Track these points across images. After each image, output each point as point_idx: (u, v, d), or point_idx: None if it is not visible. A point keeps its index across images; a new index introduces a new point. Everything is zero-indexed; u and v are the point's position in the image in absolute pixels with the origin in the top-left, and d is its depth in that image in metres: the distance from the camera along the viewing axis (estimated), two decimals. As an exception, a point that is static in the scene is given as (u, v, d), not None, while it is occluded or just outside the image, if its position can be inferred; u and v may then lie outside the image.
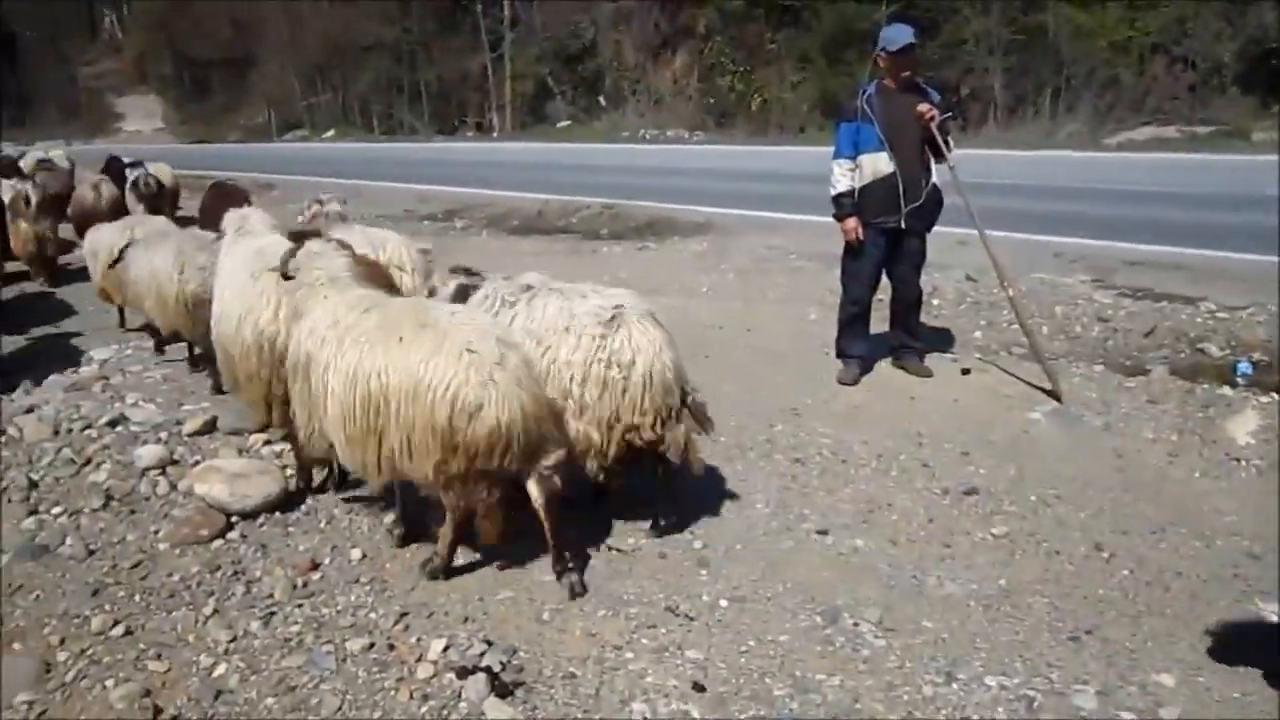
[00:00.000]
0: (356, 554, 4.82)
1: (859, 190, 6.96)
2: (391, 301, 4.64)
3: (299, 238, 5.25)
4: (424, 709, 3.58)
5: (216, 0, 57.69)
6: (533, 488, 4.25)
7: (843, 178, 6.99)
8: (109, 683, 3.87)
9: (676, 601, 4.30)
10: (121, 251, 8.45)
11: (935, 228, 7.17)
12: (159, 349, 8.67)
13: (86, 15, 76.89)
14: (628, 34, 39.59)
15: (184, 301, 7.47)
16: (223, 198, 10.88)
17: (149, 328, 8.63)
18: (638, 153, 28.50)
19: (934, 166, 6.94)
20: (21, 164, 19.24)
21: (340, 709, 3.61)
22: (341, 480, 5.58)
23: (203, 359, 7.69)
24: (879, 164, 6.86)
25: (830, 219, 7.34)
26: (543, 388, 4.33)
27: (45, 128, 62.02)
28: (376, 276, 5.08)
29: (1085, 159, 21.69)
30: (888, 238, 7.03)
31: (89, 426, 6.60)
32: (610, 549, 4.80)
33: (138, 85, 68.47)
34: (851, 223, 7.03)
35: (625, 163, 24.91)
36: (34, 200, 12.17)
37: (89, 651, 4.10)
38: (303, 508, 5.35)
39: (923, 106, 6.55)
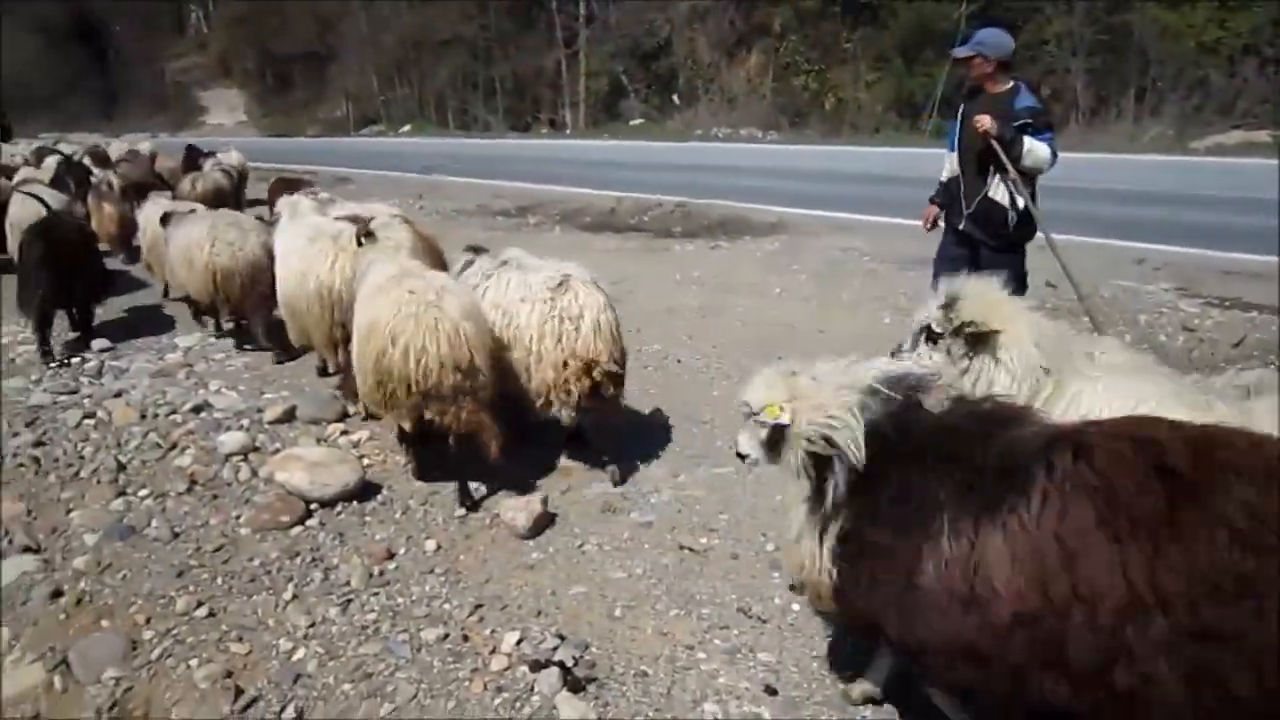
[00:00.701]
0: (431, 545, 4.89)
1: (942, 186, 6.95)
2: (399, 266, 5.63)
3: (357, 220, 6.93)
4: (497, 700, 3.62)
5: (298, -3, 58.89)
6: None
7: (945, 168, 6.95)
8: (193, 662, 3.98)
9: (749, 603, 4.28)
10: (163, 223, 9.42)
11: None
12: (197, 318, 9.42)
13: (174, 11, 79.05)
14: (702, 32, 39.51)
15: (213, 271, 8.29)
16: (286, 186, 11.93)
17: (187, 299, 9.24)
18: (710, 151, 28.42)
19: (1001, 180, 6.60)
20: (110, 154, 20.15)
21: (415, 697, 3.66)
22: (419, 471, 5.69)
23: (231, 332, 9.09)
24: (952, 163, 6.81)
25: (906, 221, 7.26)
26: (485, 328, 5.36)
27: (133, 121, 64.02)
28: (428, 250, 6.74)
29: (1171, 163, 21.10)
30: (959, 239, 6.91)
31: (174, 412, 6.81)
32: (683, 548, 4.80)
33: (222, 80, 70.14)
34: (929, 211, 7.09)
35: (698, 161, 24.86)
36: (117, 186, 13.29)
37: (174, 631, 4.22)
38: (379, 497, 5.44)
39: (981, 119, 6.29)
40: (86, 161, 18.26)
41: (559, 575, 4.56)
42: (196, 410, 6.80)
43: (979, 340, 3.68)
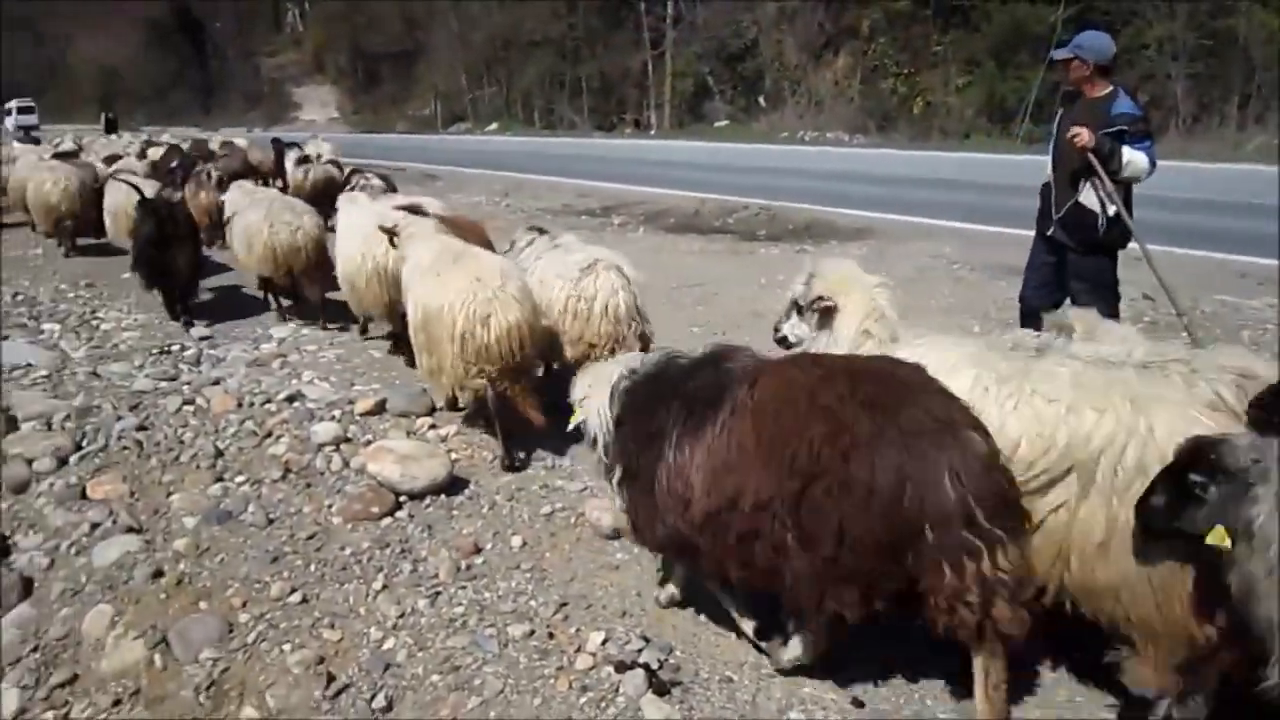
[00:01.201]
0: (517, 541, 4.94)
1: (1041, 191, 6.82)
2: (451, 246, 6.34)
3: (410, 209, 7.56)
4: (583, 699, 3.64)
5: (391, -4, 60.06)
6: None
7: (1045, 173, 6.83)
8: (286, 647, 4.08)
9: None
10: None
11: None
12: (267, 297, 10.39)
13: (271, 9, 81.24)
14: (790, 34, 39.28)
15: (271, 248, 9.23)
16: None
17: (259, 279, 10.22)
18: (796, 154, 28.26)
19: (1092, 186, 6.44)
20: (211, 146, 21.01)
21: (502, 692, 3.70)
22: (508, 466, 5.77)
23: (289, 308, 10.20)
24: (1047, 168, 6.67)
25: (998, 229, 7.12)
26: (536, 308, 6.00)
27: (230, 115, 65.90)
28: (466, 231, 7.29)
29: (1275, 174, 20.34)
30: (1049, 247, 6.76)
31: (269, 401, 6.99)
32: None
33: (315, 76, 71.84)
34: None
35: (783, 164, 24.74)
36: (214, 176, 13.89)
37: (268, 615, 4.33)
38: (466, 492, 5.51)
39: (1079, 133, 6.12)
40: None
41: (643, 577, 4.57)
42: (290, 400, 6.97)
43: (826, 313, 4.34)
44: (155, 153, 19.03)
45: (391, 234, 6.93)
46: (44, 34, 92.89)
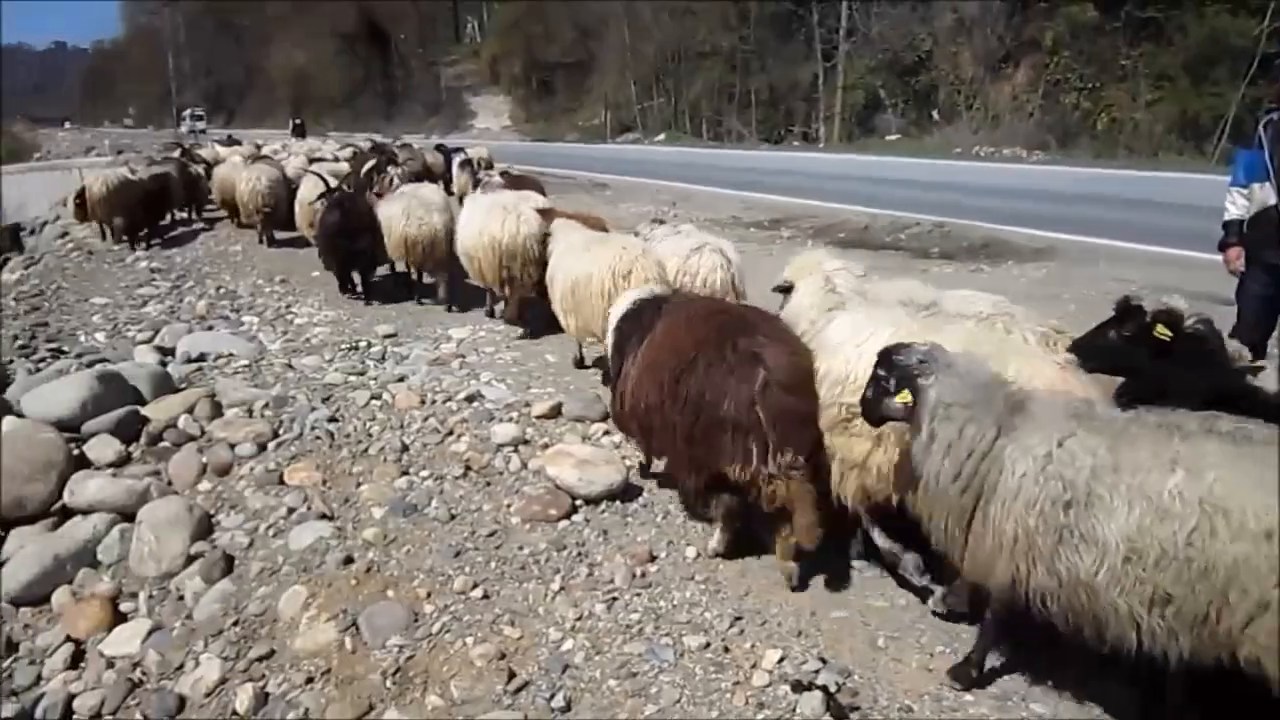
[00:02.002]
0: (691, 552, 4.96)
1: (1247, 221, 6.38)
2: (596, 234, 8.18)
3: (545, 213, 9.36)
4: (760, 716, 3.63)
5: (565, 5, 61.32)
6: None
7: (1231, 205, 6.48)
8: (469, 639, 4.21)
9: (1020, 648, 4.07)
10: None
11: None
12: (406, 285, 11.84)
13: (452, 20, 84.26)
14: (968, 46, 38.17)
15: (402, 237, 10.64)
16: (517, 181, 13.57)
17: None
18: (971, 170, 27.43)
19: None
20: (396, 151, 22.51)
21: (679, 701, 3.72)
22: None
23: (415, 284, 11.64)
24: (1266, 194, 6.25)
25: (1190, 253, 6.72)
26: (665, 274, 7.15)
27: (410, 122, 68.71)
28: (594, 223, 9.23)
29: None
30: (1274, 276, 6.34)
31: (449, 400, 7.25)
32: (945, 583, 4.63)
33: (491, 86, 74.06)
34: (1233, 253, 6.53)
35: (957, 180, 24.05)
36: (398, 177, 15.10)
37: (451, 608, 4.48)
38: (640, 499, 5.57)
39: None
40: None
41: (819, 596, 4.51)
42: (470, 400, 7.21)
43: (786, 292, 5.58)
44: (347, 152, 20.76)
45: (544, 213, 9.22)
46: (245, 42, 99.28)
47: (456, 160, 18.45)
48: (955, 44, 38.71)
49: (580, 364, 8.26)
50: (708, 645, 4.07)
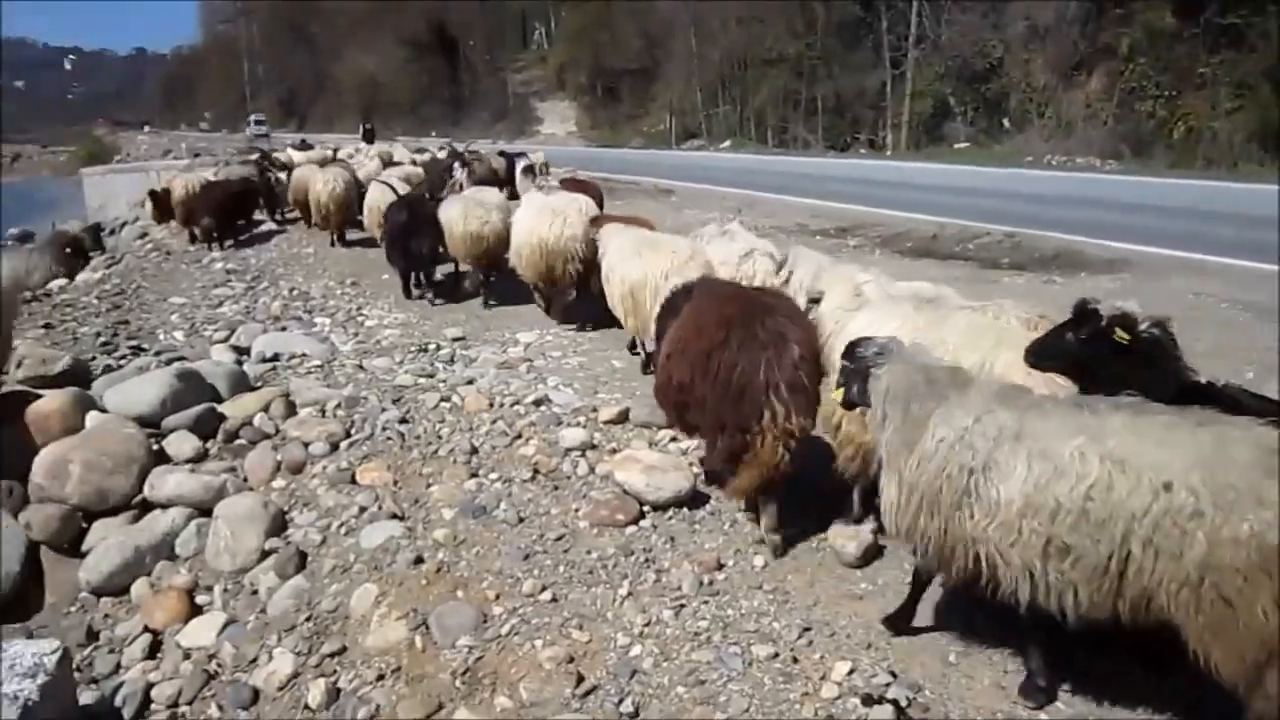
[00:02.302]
0: (759, 561, 4.95)
1: None
2: (648, 237, 8.50)
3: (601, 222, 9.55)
4: (829, 729, 3.60)
5: (632, 14, 61.56)
6: None
7: None
8: (538, 642, 4.25)
9: (1095, 671, 3.99)
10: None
11: None
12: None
13: (519, 27, 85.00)
14: (1040, 53, 37.52)
15: (463, 237, 11.29)
16: (577, 186, 13.83)
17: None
18: (1042, 179, 26.90)
19: None
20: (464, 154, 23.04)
21: (747, 710, 3.72)
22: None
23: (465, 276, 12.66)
24: None
25: (1270, 267, 6.53)
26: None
27: (477, 128, 69.47)
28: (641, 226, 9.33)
29: None
30: None
31: (518, 403, 7.30)
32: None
33: (557, 92, 74.57)
34: None
35: (1028, 189, 23.61)
36: (467, 181, 16.10)
37: (520, 610, 4.52)
38: (707, 507, 5.57)
39: None
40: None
41: (887, 609, 4.45)
42: (538, 404, 7.26)
43: (814, 302, 5.75)
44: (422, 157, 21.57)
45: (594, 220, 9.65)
46: (317, 49, 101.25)
47: (520, 165, 18.90)
48: (1027, 50, 38.06)
49: (647, 367, 8.35)
50: (776, 655, 4.06)
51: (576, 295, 10.34)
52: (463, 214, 11.36)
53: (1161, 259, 13.81)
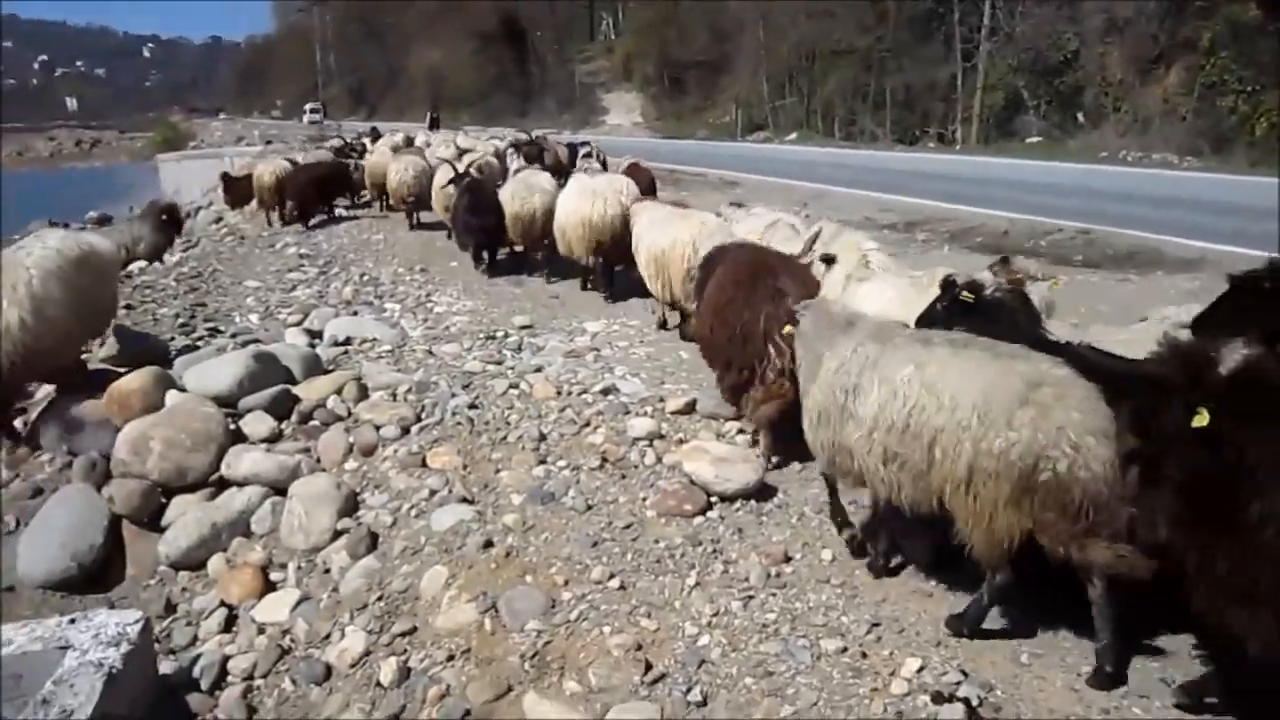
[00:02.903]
0: (827, 555, 4.93)
1: None
2: (677, 211, 9.54)
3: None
4: (898, 725, 3.58)
5: (701, 9, 61.34)
6: None
7: None
8: (606, 629, 4.28)
9: (1172, 675, 3.91)
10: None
11: None
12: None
13: (588, 19, 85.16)
14: (1117, 46, 36.61)
15: (513, 215, 12.45)
16: (630, 171, 14.64)
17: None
18: (1117, 176, 26.32)
19: None
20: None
21: (816, 704, 3.71)
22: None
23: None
24: None
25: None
26: None
27: (544, 118, 69.76)
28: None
29: None
30: None
31: (585, 392, 7.35)
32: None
33: (623, 83, 74.55)
34: None
35: (1103, 186, 23.10)
36: (519, 165, 16.50)
37: (589, 597, 4.56)
38: (775, 500, 5.57)
39: None
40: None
41: (958, 608, 4.40)
42: (605, 393, 7.30)
43: (828, 262, 6.75)
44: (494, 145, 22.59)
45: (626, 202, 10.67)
46: (388, 41, 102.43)
47: (580, 153, 20.28)
48: (1104, 44, 37.17)
49: (663, 325, 9.66)
50: (845, 650, 4.04)
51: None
52: (511, 194, 12.65)
53: (1240, 258, 13.36)
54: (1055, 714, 3.66)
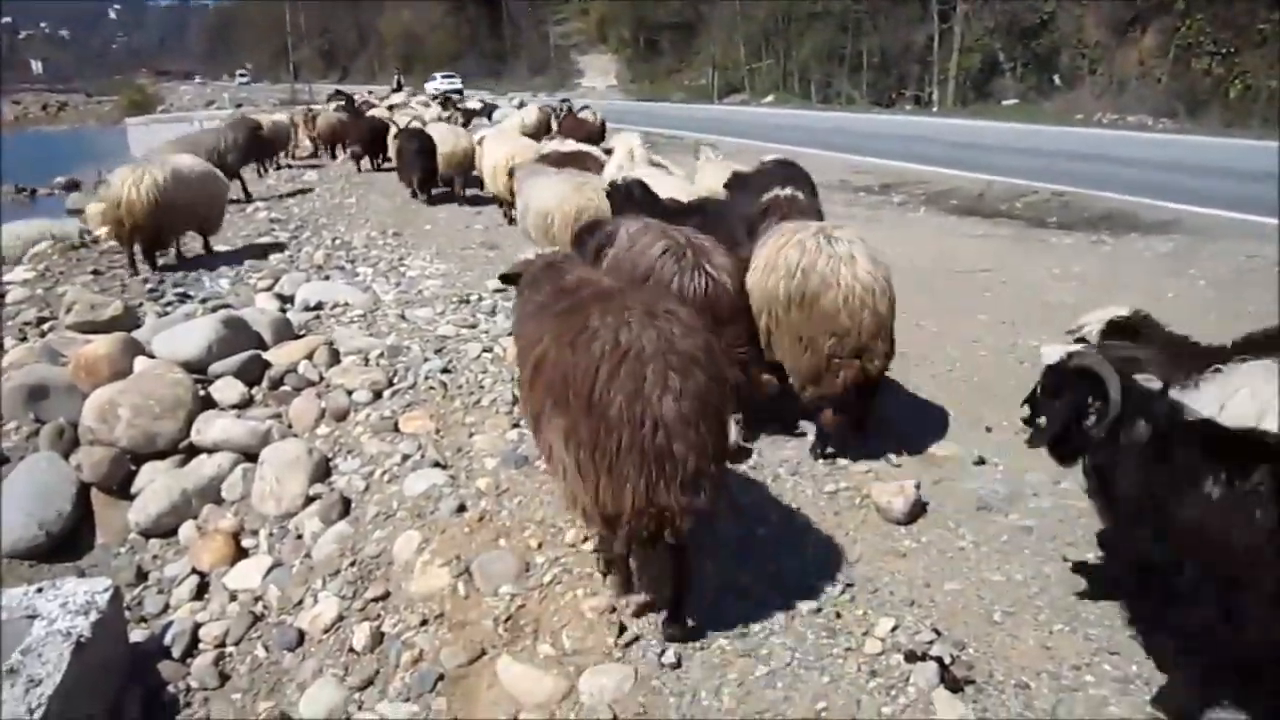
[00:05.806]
0: (801, 518, 4.91)
1: None
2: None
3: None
4: (872, 684, 3.59)
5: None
6: None
7: None
8: (579, 591, 4.25)
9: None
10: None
11: None
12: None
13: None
14: (1092, 8, 36.61)
15: (444, 155, 15.96)
16: (575, 123, 16.70)
17: None
18: (1093, 138, 26.36)
19: None
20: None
21: (790, 664, 3.70)
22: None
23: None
24: None
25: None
26: None
27: (517, 81, 69.10)
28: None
29: None
30: None
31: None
32: (1066, 560, 4.49)
33: (598, 45, 73.94)
34: None
35: (1078, 148, 23.12)
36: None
37: (562, 560, 4.53)
38: (749, 463, 5.53)
39: None
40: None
41: (932, 568, 4.42)
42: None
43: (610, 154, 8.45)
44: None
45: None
46: (360, 3, 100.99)
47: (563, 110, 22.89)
48: (1080, 5, 37.16)
49: None
50: (819, 610, 4.04)
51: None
52: (440, 137, 16.39)
53: (1215, 220, 13.48)
54: (1026, 671, 3.67)
